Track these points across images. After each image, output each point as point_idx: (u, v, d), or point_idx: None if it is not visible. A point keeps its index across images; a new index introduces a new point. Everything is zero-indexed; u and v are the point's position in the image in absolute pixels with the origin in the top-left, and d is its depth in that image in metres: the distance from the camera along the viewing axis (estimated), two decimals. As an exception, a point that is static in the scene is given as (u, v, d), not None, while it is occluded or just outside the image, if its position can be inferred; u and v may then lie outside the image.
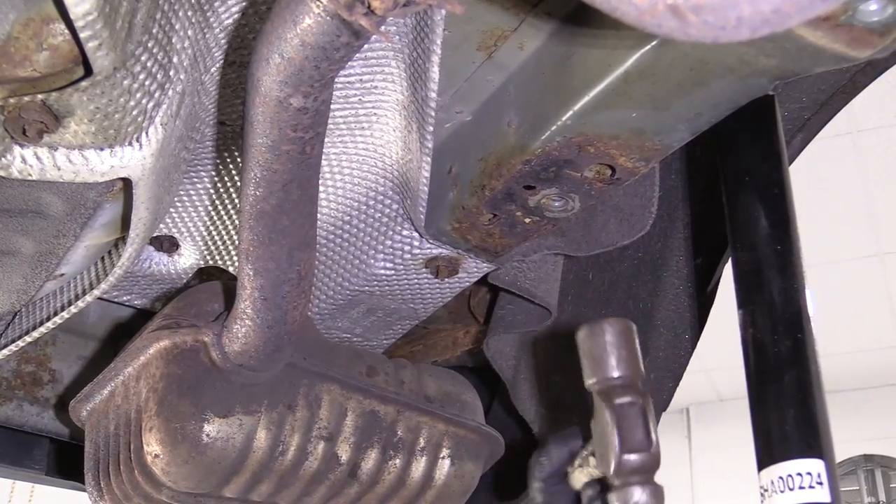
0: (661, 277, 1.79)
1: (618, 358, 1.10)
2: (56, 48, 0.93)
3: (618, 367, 1.10)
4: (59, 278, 1.37)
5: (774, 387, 1.07)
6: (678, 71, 1.05)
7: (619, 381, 1.10)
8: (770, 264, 1.13)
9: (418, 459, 1.44)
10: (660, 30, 0.57)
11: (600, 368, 1.11)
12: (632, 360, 1.11)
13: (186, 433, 1.24)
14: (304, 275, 1.14)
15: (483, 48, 1.22)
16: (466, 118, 1.34)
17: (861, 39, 0.93)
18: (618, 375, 1.10)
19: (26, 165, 1.02)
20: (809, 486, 1.00)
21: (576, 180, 1.23)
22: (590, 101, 1.12)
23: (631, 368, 1.11)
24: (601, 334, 1.12)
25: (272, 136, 0.95)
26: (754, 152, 1.21)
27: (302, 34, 0.83)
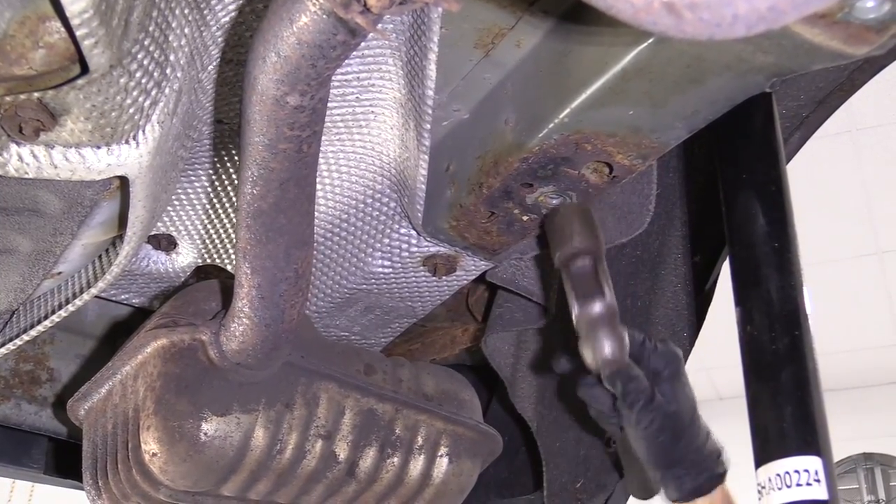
0: (659, 275, 1.79)
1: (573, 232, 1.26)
2: (52, 46, 0.93)
3: (574, 240, 1.25)
4: (57, 277, 1.37)
5: (772, 384, 1.07)
6: (675, 68, 1.05)
7: (575, 250, 1.25)
8: (767, 262, 1.13)
9: (416, 458, 1.44)
10: (655, 27, 0.57)
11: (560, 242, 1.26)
12: (587, 233, 1.26)
13: (184, 432, 1.24)
14: (301, 273, 1.14)
15: (480, 46, 1.22)
16: (464, 116, 1.33)
17: (858, 36, 0.93)
18: (575, 246, 1.25)
19: (23, 164, 1.02)
20: (807, 484, 1.00)
21: (573, 178, 1.23)
22: (587, 99, 1.12)
23: (586, 239, 1.26)
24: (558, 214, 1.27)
25: (269, 135, 0.95)
26: (752, 150, 1.21)
27: (298, 32, 0.83)
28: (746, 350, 1.12)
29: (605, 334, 1.23)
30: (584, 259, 1.26)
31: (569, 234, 1.27)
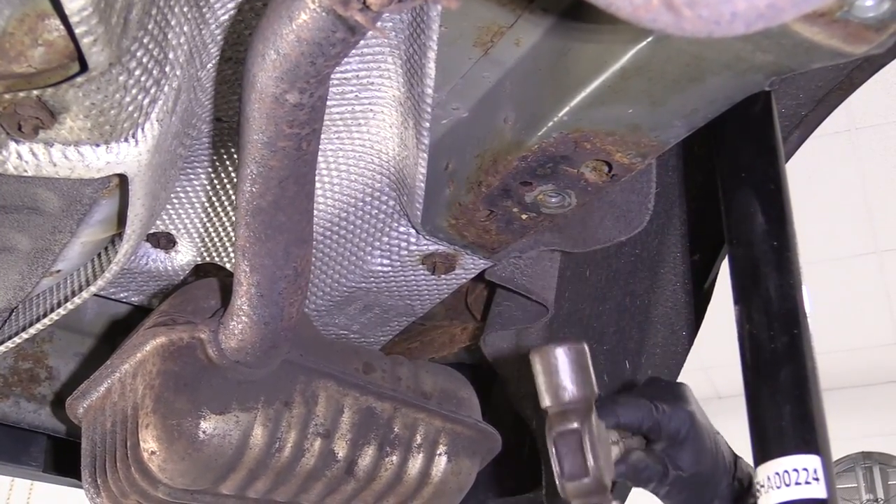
0: (658, 274, 1.79)
1: (568, 382, 1.20)
2: (51, 44, 0.93)
3: (567, 392, 1.19)
4: (56, 275, 1.37)
5: (770, 383, 1.07)
6: (674, 67, 1.05)
7: (567, 405, 1.19)
8: (766, 260, 1.13)
9: (415, 456, 1.44)
10: (655, 25, 0.57)
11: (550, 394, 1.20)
12: (580, 384, 1.19)
13: (183, 430, 1.24)
14: (300, 271, 1.14)
15: (479, 44, 1.22)
16: (463, 114, 1.33)
17: (857, 35, 0.93)
18: (567, 400, 1.19)
19: (22, 161, 1.02)
20: (806, 482, 1.00)
21: (572, 176, 1.23)
22: (586, 98, 1.12)
23: (580, 391, 1.18)
24: (552, 358, 1.20)
25: (268, 133, 0.95)
26: (751, 149, 1.21)
27: (297, 30, 0.83)
28: (745, 349, 1.12)
29: None
30: (571, 423, 1.18)
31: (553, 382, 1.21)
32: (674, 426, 1.31)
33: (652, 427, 1.31)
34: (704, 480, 1.31)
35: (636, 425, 1.31)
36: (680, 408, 1.33)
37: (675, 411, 1.32)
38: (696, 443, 1.31)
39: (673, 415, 1.31)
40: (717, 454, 1.33)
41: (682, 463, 1.30)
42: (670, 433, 1.31)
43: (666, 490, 1.31)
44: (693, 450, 1.31)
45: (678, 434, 1.31)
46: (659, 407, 1.32)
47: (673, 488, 1.30)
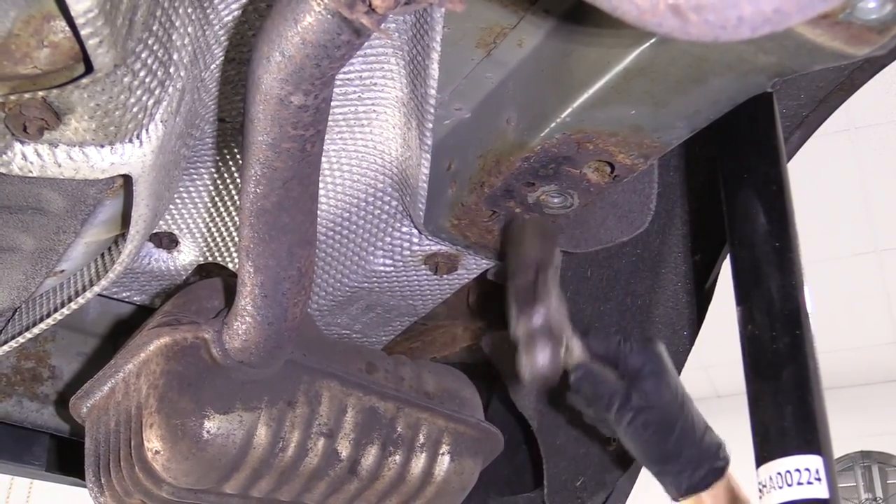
0: (659, 274, 1.79)
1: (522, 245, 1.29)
2: (57, 45, 0.93)
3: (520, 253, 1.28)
4: (60, 275, 1.37)
5: (773, 383, 1.08)
6: (677, 68, 1.06)
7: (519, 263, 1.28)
8: (769, 261, 1.13)
9: (418, 456, 1.44)
10: (660, 29, 0.57)
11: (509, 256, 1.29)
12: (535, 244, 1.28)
13: (187, 430, 1.24)
14: (304, 272, 1.14)
15: (482, 45, 1.23)
16: (465, 115, 1.34)
17: (859, 37, 0.94)
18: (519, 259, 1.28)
19: (27, 162, 1.03)
20: (808, 482, 1.00)
21: (575, 177, 1.24)
22: (589, 99, 1.12)
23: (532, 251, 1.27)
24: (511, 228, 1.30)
25: (273, 134, 0.95)
26: (753, 149, 1.21)
27: (303, 32, 0.83)
28: (747, 349, 1.13)
29: (541, 346, 1.22)
30: (527, 271, 1.26)
31: (517, 247, 1.28)
32: (639, 360, 1.32)
33: (615, 356, 1.33)
34: (668, 422, 1.31)
35: (600, 353, 1.33)
36: (648, 347, 1.35)
37: (642, 348, 1.34)
38: (661, 379, 1.32)
39: (639, 351, 1.33)
40: (685, 404, 1.34)
41: (644, 394, 1.31)
42: (635, 366, 1.32)
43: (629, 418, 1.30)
44: (656, 384, 1.32)
45: (642, 368, 1.32)
46: (627, 342, 1.34)
47: (637, 417, 1.30)
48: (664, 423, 1.31)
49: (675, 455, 1.32)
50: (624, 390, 1.31)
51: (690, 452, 1.32)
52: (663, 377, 1.33)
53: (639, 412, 1.30)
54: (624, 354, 1.33)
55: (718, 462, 1.33)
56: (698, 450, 1.33)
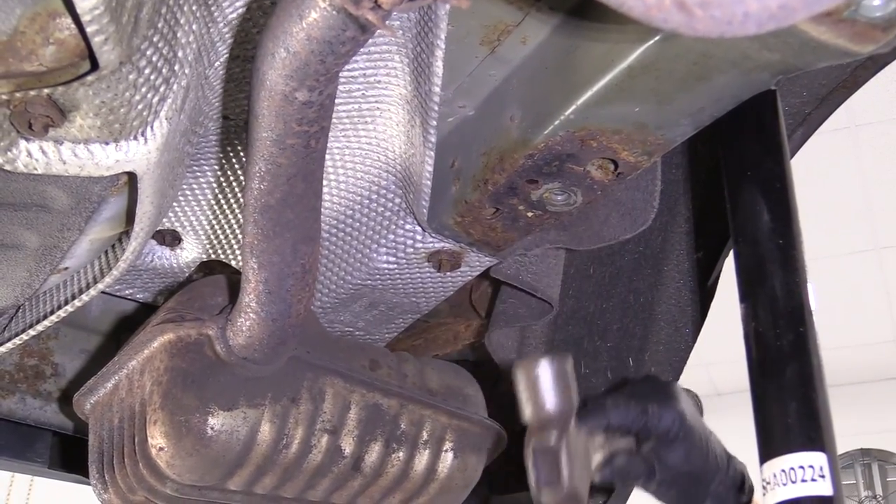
0: (661, 271, 1.79)
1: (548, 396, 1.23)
2: (62, 42, 0.93)
3: (545, 408, 1.22)
4: (63, 272, 1.37)
5: (776, 380, 1.08)
6: (681, 66, 1.06)
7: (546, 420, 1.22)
8: (772, 258, 1.13)
9: (421, 452, 1.44)
10: (666, 25, 0.57)
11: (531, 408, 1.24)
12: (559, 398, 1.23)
13: (191, 426, 1.24)
14: (308, 268, 1.15)
15: (486, 43, 1.23)
16: (469, 113, 1.34)
17: (864, 34, 0.94)
18: (547, 415, 1.22)
19: (32, 159, 1.03)
20: (812, 479, 1.00)
21: (578, 174, 1.24)
22: (593, 96, 1.12)
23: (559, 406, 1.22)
24: (534, 372, 1.24)
25: (277, 130, 0.95)
26: (756, 147, 1.21)
27: (308, 28, 0.83)
28: (751, 346, 1.13)
29: None
30: (550, 435, 1.22)
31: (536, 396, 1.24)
32: (663, 426, 1.30)
33: (641, 428, 1.31)
34: (695, 478, 1.31)
35: (626, 427, 1.32)
36: (670, 407, 1.32)
37: (665, 411, 1.32)
38: (686, 442, 1.31)
39: (662, 415, 1.31)
40: (708, 452, 1.33)
41: (671, 461, 1.30)
42: (660, 433, 1.31)
43: (655, 487, 1.32)
44: (683, 449, 1.30)
45: (668, 433, 1.30)
46: (648, 408, 1.32)
47: (662, 486, 1.31)
48: (690, 481, 1.31)
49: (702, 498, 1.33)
50: (648, 465, 1.30)
51: (717, 494, 1.32)
52: (689, 439, 1.31)
53: (663, 481, 1.31)
54: (649, 424, 1.31)
55: (742, 497, 1.33)
56: (723, 487, 1.33)
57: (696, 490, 1.31)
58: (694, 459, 1.31)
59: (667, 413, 1.31)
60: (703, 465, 1.31)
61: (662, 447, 1.30)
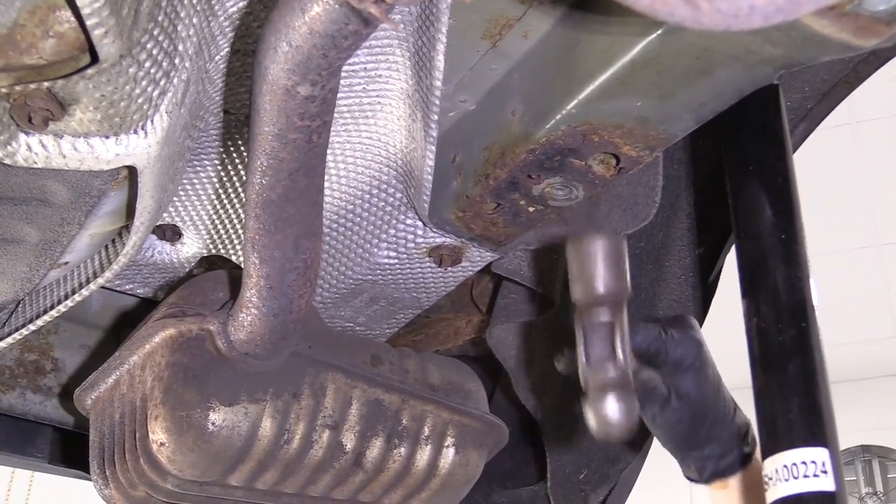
0: (663, 267, 1.79)
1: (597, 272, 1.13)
2: (62, 35, 0.93)
3: (600, 285, 1.13)
4: (63, 267, 1.37)
5: (778, 376, 1.07)
6: (684, 60, 1.05)
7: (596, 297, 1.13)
8: (774, 253, 1.13)
9: (423, 448, 1.44)
10: (672, 18, 0.57)
11: (580, 280, 1.14)
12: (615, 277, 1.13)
13: (192, 421, 1.24)
14: (310, 263, 1.14)
15: (487, 37, 1.22)
16: (470, 107, 1.33)
17: (867, 28, 0.93)
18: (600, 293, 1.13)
19: (31, 153, 1.02)
20: (814, 475, 1.00)
21: (580, 169, 1.23)
22: (594, 90, 1.12)
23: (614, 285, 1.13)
24: (589, 247, 1.14)
25: (279, 125, 0.95)
26: (759, 141, 1.21)
27: (310, 22, 0.83)
28: (753, 341, 1.12)
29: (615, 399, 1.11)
30: (603, 312, 1.15)
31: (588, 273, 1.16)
32: (680, 352, 1.26)
33: (658, 350, 1.26)
34: (702, 414, 1.26)
35: (643, 347, 1.26)
36: (688, 335, 1.28)
37: (684, 337, 1.27)
38: (701, 374, 1.26)
39: (681, 340, 1.26)
40: (719, 392, 1.29)
41: (684, 390, 1.25)
42: (676, 358, 1.26)
43: (665, 417, 1.26)
44: (696, 379, 1.26)
45: (684, 361, 1.26)
46: (668, 331, 1.27)
47: (672, 415, 1.25)
48: (698, 415, 1.26)
49: (705, 442, 1.28)
50: (667, 392, 1.26)
51: (720, 438, 1.28)
52: (703, 370, 1.27)
53: (674, 411, 1.26)
54: (665, 347, 1.26)
55: (746, 448, 1.29)
56: (728, 434, 1.28)
57: (701, 430, 1.27)
58: (705, 393, 1.27)
59: (685, 339, 1.27)
60: (713, 402, 1.27)
61: (677, 373, 1.26)
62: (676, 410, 1.25)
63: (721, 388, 1.30)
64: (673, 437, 1.29)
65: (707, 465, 1.28)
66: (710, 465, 1.28)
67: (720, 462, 1.28)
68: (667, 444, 1.31)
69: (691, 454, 1.29)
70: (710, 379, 1.28)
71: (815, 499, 0.99)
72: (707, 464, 1.28)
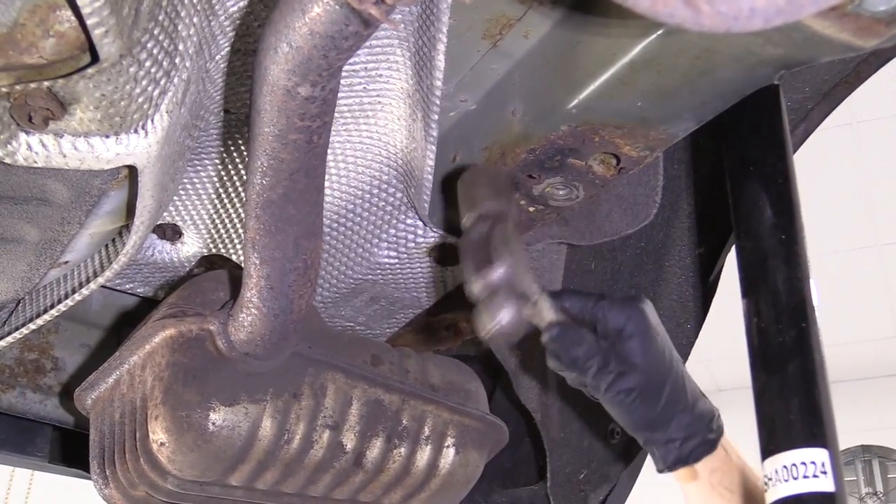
0: (663, 267, 1.79)
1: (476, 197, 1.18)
2: (62, 35, 0.93)
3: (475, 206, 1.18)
4: (64, 266, 1.37)
5: (778, 376, 1.07)
6: (684, 60, 1.05)
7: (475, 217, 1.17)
8: (774, 253, 1.13)
9: (423, 448, 1.44)
10: (672, 20, 0.57)
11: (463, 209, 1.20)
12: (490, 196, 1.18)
13: (192, 421, 1.24)
14: (310, 263, 1.14)
15: (488, 37, 1.22)
16: (471, 107, 1.33)
17: (867, 29, 0.94)
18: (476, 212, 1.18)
19: (32, 152, 1.02)
20: (814, 476, 1.00)
21: (580, 169, 1.23)
22: (595, 90, 1.12)
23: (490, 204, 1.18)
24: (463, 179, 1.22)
25: (279, 125, 0.95)
26: (759, 141, 1.21)
27: (311, 23, 0.83)
28: (753, 341, 1.12)
29: (502, 302, 1.11)
30: (483, 225, 1.16)
31: (470, 199, 1.19)
32: (620, 320, 1.22)
33: (595, 318, 1.23)
34: (656, 386, 1.21)
35: (575, 311, 1.23)
36: (629, 304, 1.24)
37: (623, 306, 1.23)
38: (647, 341, 1.21)
39: (620, 309, 1.22)
40: (674, 366, 1.23)
41: (630, 357, 1.20)
42: (616, 326, 1.21)
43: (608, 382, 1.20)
44: (642, 347, 1.21)
45: (624, 328, 1.21)
46: (604, 301, 1.24)
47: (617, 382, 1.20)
48: (649, 388, 1.21)
49: (664, 423, 1.22)
50: (602, 352, 1.21)
51: (681, 420, 1.22)
52: (647, 337, 1.22)
53: (619, 376, 1.20)
54: (602, 313, 1.22)
55: (710, 434, 1.24)
56: (690, 417, 1.23)
57: (656, 405, 1.21)
58: (654, 362, 1.21)
59: (625, 307, 1.23)
60: (665, 374, 1.22)
61: (620, 342, 1.21)
62: (621, 377, 1.20)
63: (676, 365, 1.25)
64: (627, 413, 1.23)
65: (670, 450, 1.23)
66: (672, 449, 1.23)
67: (683, 446, 1.23)
68: (626, 423, 1.25)
69: (654, 437, 1.24)
70: (658, 348, 1.23)
71: (814, 499, 0.99)
72: (670, 448, 1.23)
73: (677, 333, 1.81)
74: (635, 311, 1.23)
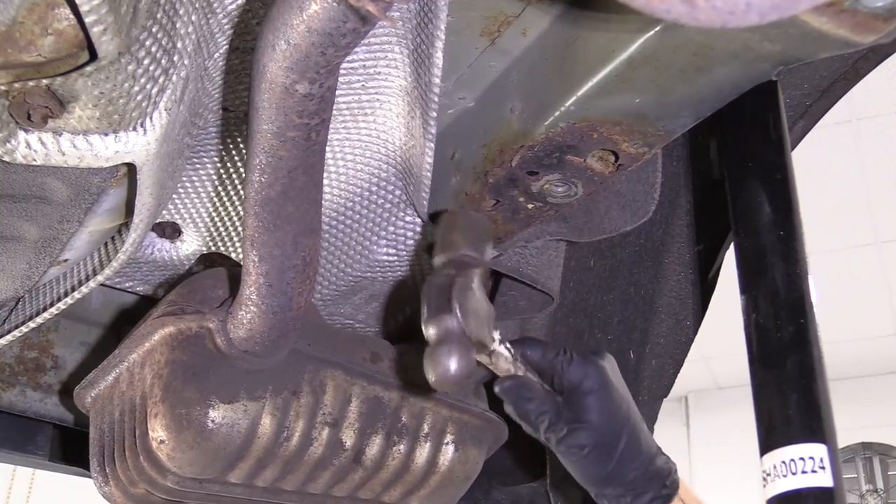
0: (662, 264, 1.79)
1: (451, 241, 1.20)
2: (61, 33, 0.93)
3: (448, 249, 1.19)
4: (63, 264, 1.37)
5: (777, 372, 1.08)
6: (682, 56, 1.05)
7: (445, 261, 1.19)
8: (773, 250, 1.13)
9: (422, 445, 1.44)
10: (668, 15, 0.57)
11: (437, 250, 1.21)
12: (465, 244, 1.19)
13: (191, 419, 1.24)
14: (309, 261, 1.15)
15: (486, 34, 1.22)
16: (469, 104, 1.34)
17: (865, 25, 0.94)
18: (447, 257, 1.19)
19: (31, 151, 1.02)
20: (812, 471, 1.00)
21: (579, 166, 1.23)
22: (593, 87, 1.12)
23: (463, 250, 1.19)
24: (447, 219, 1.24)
25: (278, 123, 0.95)
26: (757, 138, 1.21)
27: (308, 20, 0.83)
28: (752, 338, 1.12)
29: (450, 350, 1.10)
30: (450, 269, 1.17)
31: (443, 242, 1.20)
32: (575, 376, 1.22)
33: (554, 371, 1.23)
34: (611, 443, 1.21)
35: (534, 363, 1.24)
36: (589, 359, 1.24)
37: (583, 361, 1.24)
38: (605, 399, 1.22)
39: (579, 364, 1.23)
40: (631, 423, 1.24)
41: (585, 415, 1.21)
42: (573, 381, 1.22)
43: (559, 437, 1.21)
44: (599, 405, 1.21)
45: (582, 384, 1.22)
46: (566, 354, 1.24)
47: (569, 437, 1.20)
48: (603, 444, 1.21)
49: (616, 478, 1.23)
50: (556, 407, 1.22)
51: (634, 476, 1.23)
52: (604, 394, 1.22)
53: (571, 432, 1.21)
54: (562, 367, 1.24)
55: (664, 490, 1.25)
56: (644, 473, 1.24)
57: (610, 461, 1.22)
58: (611, 420, 1.22)
59: (584, 362, 1.24)
60: (620, 432, 1.22)
61: (577, 397, 1.22)
62: (573, 433, 1.21)
63: (634, 421, 1.25)
64: (579, 467, 1.25)
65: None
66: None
67: (635, 502, 1.24)
68: (578, 477, 1.27)
69: (605, 492, 1.25)
70: (614, 404, 1.24)
71: (813, 494, 0.99)
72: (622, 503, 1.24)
73: (677, 330, 1.82)
74: (594, 367, 1.25)
